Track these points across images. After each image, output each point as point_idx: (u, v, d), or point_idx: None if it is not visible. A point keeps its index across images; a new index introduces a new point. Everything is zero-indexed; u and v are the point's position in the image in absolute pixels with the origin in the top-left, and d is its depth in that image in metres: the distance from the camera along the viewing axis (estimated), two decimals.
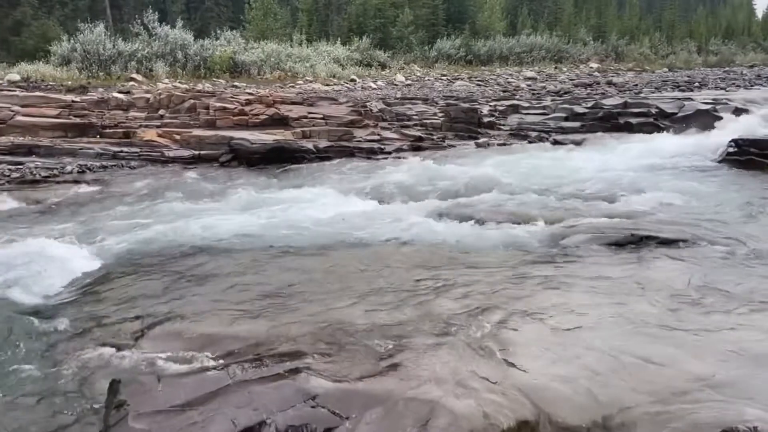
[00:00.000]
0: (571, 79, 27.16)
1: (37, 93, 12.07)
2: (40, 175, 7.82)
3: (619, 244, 4.70)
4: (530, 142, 10.66)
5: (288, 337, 3.26)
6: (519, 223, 5.35)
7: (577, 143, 10.32)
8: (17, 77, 15.24)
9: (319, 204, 6.44)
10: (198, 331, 3.42)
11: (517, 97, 18.08)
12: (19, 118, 9.97)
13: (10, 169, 7.79)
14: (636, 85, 22.88)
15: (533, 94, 19.43)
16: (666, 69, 39.26)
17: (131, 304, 3.90)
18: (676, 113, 11.93)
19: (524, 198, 6.33)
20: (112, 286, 4.27)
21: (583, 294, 3.69)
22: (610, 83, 23.96)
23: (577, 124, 11.99)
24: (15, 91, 12.23)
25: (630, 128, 11.42)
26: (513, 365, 2.82)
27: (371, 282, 4.07)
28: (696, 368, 2.79)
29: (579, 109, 13.02)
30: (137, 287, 4.22)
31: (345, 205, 6.47)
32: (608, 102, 13.81)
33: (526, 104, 15.17)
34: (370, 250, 4.86)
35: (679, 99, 13.91)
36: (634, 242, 4.71)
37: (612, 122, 11.83)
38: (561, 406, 2.50)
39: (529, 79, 27.31)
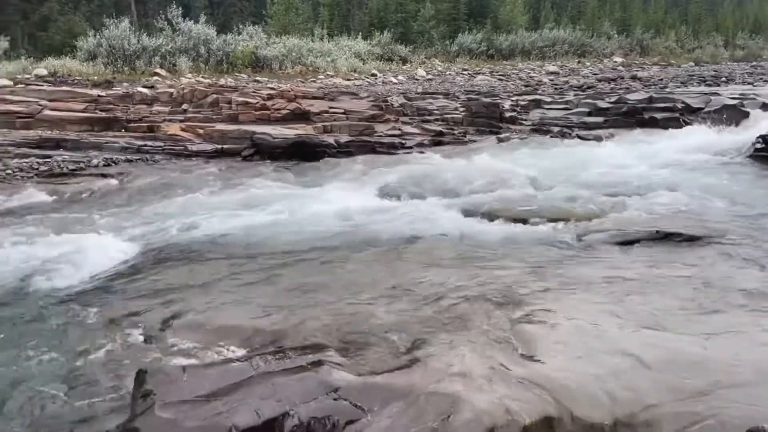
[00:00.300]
0: (594, 74, 26.82)
1: (64, 88, 12.28)
2: (67, 168, 7.96)
3: (644, 241, 4.65)
4: (552, 138, 10.55)
5: (309, 330, 3.29)
6: (541, 220, 5.32)
7: (601, 139, 10.20)
8: (45, 72, 15.51)
9: (340, 199, 6.46)
10: (221, 323, 3.47)
11: (539, 91, 17.93)
12: (46, 112, 10.16)
13: (38, 162, 7.95)
14: (661, 79, 22.54)
15: (555, 88, 19.24)
16: (692, 63, 38.56)
17: (156, 296, 3.96)
18: (703, 108, 11.73)
19: (546, 194, 6.28)
20: (138, 278, 4.34)
21: (607, 291, 3.66)
22: (634, 78, 23.62)
23: (600, 119, 11.84)
24: (43, 85, 12.45)
25: (655, 123, 11.25)
26: (535, 361, 2.81)
27: (392, 277, 4.09)
28: (722, 367, 2.76)
29: (602, 104, 12.86)
30: (162, 279, 4.29)
31: (366, 200, 6.49)
32: (633, 97, 13.63)
33: (549, 99, 15.04)
34: (390, 245, 4.87)
35: (705, 94, 13.68)
36: (658, 239, 4.65)
37: (636, 117, 11.66)
38: (583, 403, 2.49)
39: (552, 73, 27.02)
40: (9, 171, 7.54)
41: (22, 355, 3.24)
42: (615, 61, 36.82)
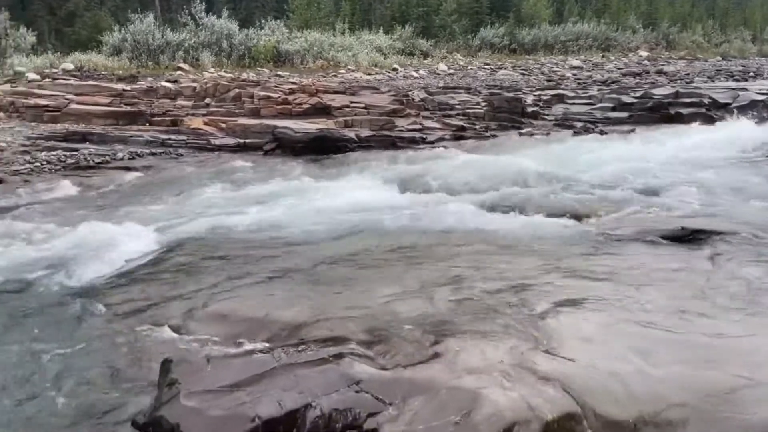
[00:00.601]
0: (618, 68, 26.42)
1: (90, 82, 12.47)
2: (93, 161, 8.10)
3: (669, 238, 4.59)
4: (575, 133, 10.44)
5: (331, 323, 3.31)
6: (564, 215, 5.27)
7: (625, 134, 10.06)
8: (71, 66, 15.76)
9: (360, 193, 6.47)
10: (243, 315, 3.51)
11: (562, 86, 17.72)
12: (73, 106, 10.34)
13: (65, 155, 8.10)
14: (688, 74, 22.12)
15: (579, 83, 19.00)
16: (719, 58, 37.78)
17: (179, 287, 4.02)
18: (730, 104, 11.51)
19: (569, 189, 6.23)
20: (162, 270, 4.41)
21: (631, 288, 3.62)
22: (660, 72, 23.22)
23: (624, 114, 11.68)
24: (69, 80, 12.67)
25: (681, 119, 11.07)
26: (557, 357, 2.79)
27: (413, 271, 4.09)
28: (748, 366, 2.71)
29: (627, 99, 12.68)
30: (185, 271, 4.35)
31: (387, 194, 6.49)
32: (658, 92, 13.40)
33: (572, 94, 14.87)
34: (412, 239, 4.87)
35: (732, 89, 13.41)
36: (684, 235, 4.58)
37: (662, 113, 11.48)
38: (606, 400, 2.47)
39: (575, 68, 26.68)
40: (37, 163, 7.69)
41: (49, 344, 3.32)
42: (640, 56, 36.22)
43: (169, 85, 12.83)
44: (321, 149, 9.11)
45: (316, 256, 4.52)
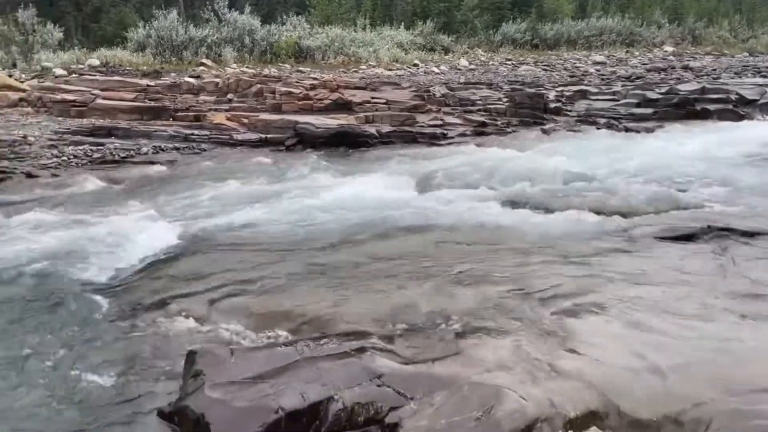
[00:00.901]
0: (643, 64, 26.00)
1: (116, 77, 12.65)
2: (119, 155, 8.21)
3: (694, 236, 4.52)
4: (599, 129, 10.31)
5: (352, 317, 3.33)
6: (587, 212, 5.22)
7: (650, 130, 9.91)
8: (97, 62, 15.98)
9: (381, 188, 6.49)
10: (266, 308, 3.55)
11: (585, 82, 17.50)
12: (99, 101, 10.50)
13: (92, 150, 8.22)
14: (714, 69, 21.70)
15: (602, 79, 18.75)
16: (746, 53, 36.95)
17: (203, 280, 4.07)
18: (758, 100, 11.28)
19: (592, 186, 6.16)
20: (185, 262, 4.47)
21: (655, 286, 3.58)
22: (686, 68, 22.79)
23: (649, 110, 11.51)
24: (95, 75, 12.86)
25: (707, 115, 10.88)
26: (580, 355, 2.78)
27: (434, 267, 4.09)
28: None
29: (652, 95, 12.49)
30: (208, 264, 4.40)
31: (407, 190, 6.50)
32: (684, 87, 13.20)
33: (595, 90, 14.69)
34: (433, 235, 4.87)
35: (760, 85, 13.14)
36: (710, 234, 4.51)
37: (688, 109, 11.29)
38: (630, 398, 2.45)
39: (598, 63, 26.32)
40: (65, 158, 7.83)
41: (74, 334, 3.39)
42: (665, 51, 35.60)
43: (192, 80, 12.96)
44: (342, 145, 9.14)
45: (337, 251, 4.55)
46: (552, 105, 12.24)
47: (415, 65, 22.26)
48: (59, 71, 13.79)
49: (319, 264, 4.25)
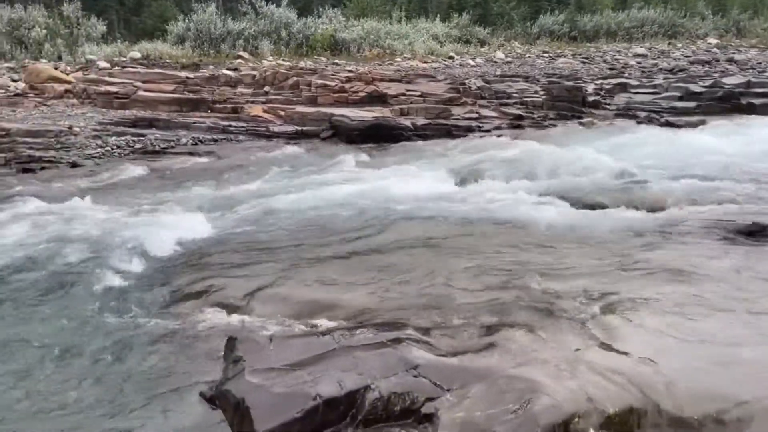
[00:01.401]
0: (686, 56, 25.28)
1: (156, 70, 12.91)
2: (159, 146, 8.42)
3: (738, 232, 4.39)
4: (639, 123, 10.10)
5: (388, 308, 3.35)
6: (628, 207, 5.13)
7: (693, 125, 9.66)
8: (138, 55, 16.34)
9: (416, 181, 6.49)
10: (303, 297, 3.59)
11: (626, 75, 17.12)
12: (141, 93, 10.75)
13: (133, 140, 8.45)
14: (760, 63, 20.94)
15: (643, 72, 18.31)
16: None
17: (241, 269, 4.15)
18: None
19: (633, 181, 6.04)
20: (223, 251, 4.55)
21: (698, 283, 3.50)
22: (730, 61, 22.06)
23: (692, 104, 11.21)
24: (137, 68, 13.15)
25: (753, 109, 10.55)
26: (619, 351, 2.73)
27: (470, 260, 4.08)
28: None
29: (695, 88, 12.17)
30: (245, 253, 4.48)
31: (442, 183, 6.48)
32: (729, 81, 12.81)
33: (635, 82, 14.37)
34: (469, 229, 4.85)
35: None
36: (756, 231, 4.38)
37: (732, 103, 10.98)
38: (671, 396, 2.40)
39: (639, 55, 25.67)
40: (108, 148, 8.06)
41: (117, 319, 3.49)
42: (709, 43, 34.50)
43: (229, 73, 13.14)
44: (377, 137, 9.16)
45: (372, 243, 4.57)
46: (590, 98, 12.03)
47: (451, 58, 22.10)
48: (102, 64, 14.16)
49: (353, 255, 4.28)
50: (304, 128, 9.66)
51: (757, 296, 3.33)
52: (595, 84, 14.23)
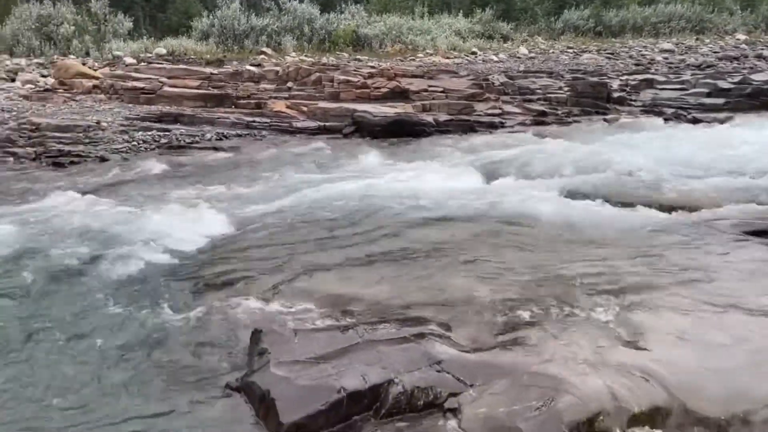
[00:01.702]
0: (714, 52, 24.75)
1: (181, 66, 13.07)
2: (184, 141, 8.52)
3: None
4: (665, 120, 9.93)
5: (411, 303, 3.36)
6: (654, 206, 5.06)
7: (721, 121, 9.48)
8: (164, 51, 16.55)
9: (438, 177, 6.47)
10: (326, 291, 3.62)
11: (652, 70, 16.82)
12: (166, 88, 10.89)
13: (159, 135, 8.56)
14: None
15: (670, 67, 17.98)
16: None
17: (265, 264, 4.18)
18: None
19: (659, 179, 5.95)
20: (247, 246, 4.60)
21: (725, 283, 3.45)
22: (760, 57, 21.57)
23: (720, 100, 10.99)
24: (162, 64, 13.33)
25: None
26: (645, 350, 2.72)
27: (493, 255, 4.07)
28: None
29: (723, 85, 11.93)
30: (269, 248, 4.52)
31: (464, 178, 6.46)
32: (758, 77, 12.54)
33: (662, 78, 14.12)
34: (491, 225, 4.84)
35: None
36: None
37: (762, 99, 10.75)
38: (697, 396, 2.39)
39: (666, 51, 25.22)
40: (134, 143, 8.18)
41: (142, 312, 3.53)
42: (737, 39, 33.75)
43: (253, 69, 13.23)
44: (399, 133, 9.15)
45: (396, 238, 4.58)
46: (615, 94, 11.87)
47: (473, 53, 21.97)
48: (129, 60, 14.37)
49: (378, 250, 4.30)
50: (327, 124, 9.70)
51: None
52: (621, 80, 14.02)
